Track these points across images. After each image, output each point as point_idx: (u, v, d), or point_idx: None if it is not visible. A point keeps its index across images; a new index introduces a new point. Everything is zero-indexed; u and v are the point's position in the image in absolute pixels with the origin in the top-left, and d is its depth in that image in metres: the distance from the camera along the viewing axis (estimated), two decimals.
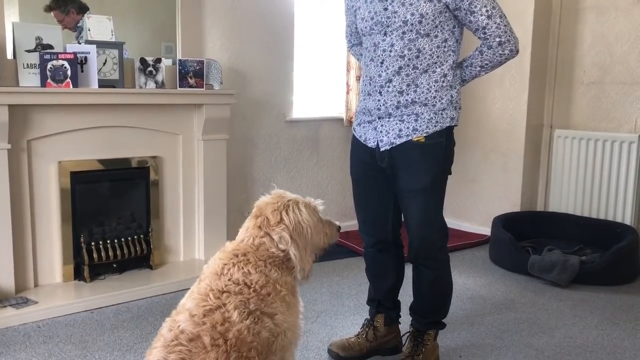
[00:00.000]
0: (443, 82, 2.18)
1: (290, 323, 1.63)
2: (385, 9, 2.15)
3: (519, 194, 4.37)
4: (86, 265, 3.21)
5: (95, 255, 3.24)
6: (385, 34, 2.17)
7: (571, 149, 4.15)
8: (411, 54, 2.14)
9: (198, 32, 3.66)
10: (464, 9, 2.11)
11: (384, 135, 2.23)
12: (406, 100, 2.17)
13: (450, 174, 2.30)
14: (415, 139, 2.18)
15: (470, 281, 3.56)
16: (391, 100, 2.19)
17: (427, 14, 2.09)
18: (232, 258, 1.62)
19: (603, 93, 4.09)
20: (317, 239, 1.81)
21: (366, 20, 2.22)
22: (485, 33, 2.13)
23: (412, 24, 2.11)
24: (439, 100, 2.18)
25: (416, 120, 2.18)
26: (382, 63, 2.19)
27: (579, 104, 4.23)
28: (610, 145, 3.95)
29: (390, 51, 2.16)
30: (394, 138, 2.21)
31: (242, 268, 1.59)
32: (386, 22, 2.15)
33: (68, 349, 2.55)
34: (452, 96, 2.21)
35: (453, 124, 2.23)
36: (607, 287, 3.45)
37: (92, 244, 3.26)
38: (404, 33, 2.13)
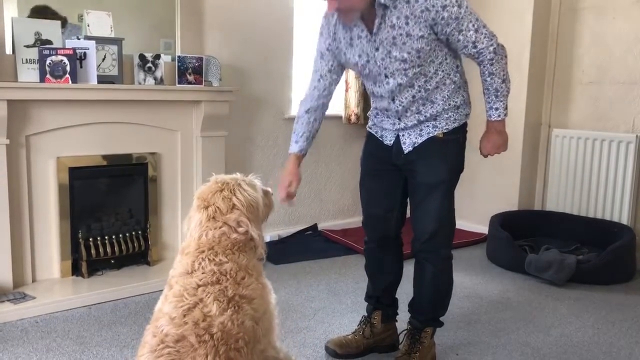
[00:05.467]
0: (453, 87, 2.22)
1: (267, 305, 1.64)
2: (377, 49, 2.12)
3: (517, 192, 4.37)
4: (84, 261, 3.21)
5: (93, 251, 3.24)
6: (386, 76, 2.18)
7: (569, 148, 4.16)
8: (419, 81, 2.16)
9: (197, 29, 3.66)
10: (453, 31, 2.07)
11: (406, 138, 2.27)
12: (425, 116, 2.23)
13: (462, 170, 2.35)
14: (435, 134, 2.24)
15: (467, 279, 3.57)
16: (411, 122, 2.25)
17: (422, 48, 2.09)
18: (199, 255, 1.60)
19: (601, 93, 4.09)
20: (263, 212, 1.83)
21: (362, 65, 2.21)
22: (476, 47, 2.09)
23: (411, 60, 2.11)
24: (454, 102, 2.23)
25: (435, 119, 2.23)
26: (393, 100, 2.22)
27: (577, 103, 4.23)
28: (607, 145, 3.96)
29: (399, 88, 2.18)
30: (416, 138, 2.25)
31: (213, 259, 1.58)
32: (384, 69, 2.16)
33: (66, 345, 2.55)
34: (463, 96, 2.26)
35: (467, 120, 2.29)
36: (604, 286, 3.46)
37: (90, 239, 3.26)
38: (405, 70, 2.13)
